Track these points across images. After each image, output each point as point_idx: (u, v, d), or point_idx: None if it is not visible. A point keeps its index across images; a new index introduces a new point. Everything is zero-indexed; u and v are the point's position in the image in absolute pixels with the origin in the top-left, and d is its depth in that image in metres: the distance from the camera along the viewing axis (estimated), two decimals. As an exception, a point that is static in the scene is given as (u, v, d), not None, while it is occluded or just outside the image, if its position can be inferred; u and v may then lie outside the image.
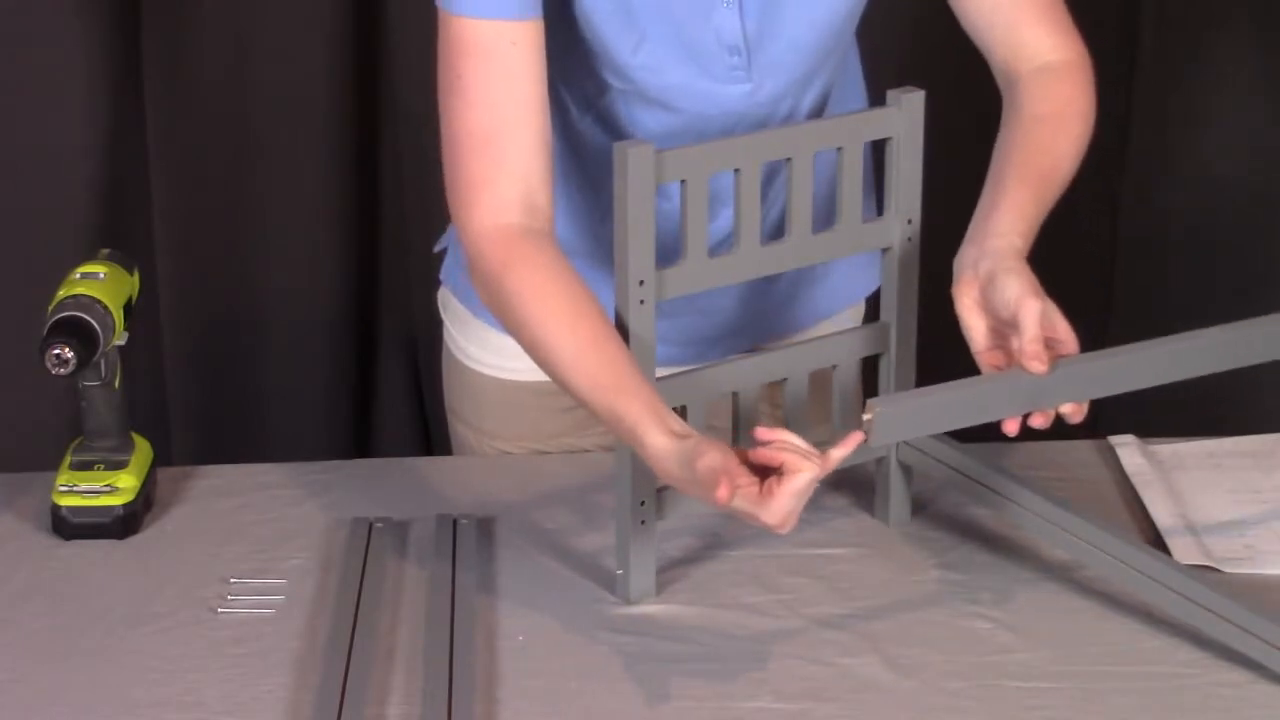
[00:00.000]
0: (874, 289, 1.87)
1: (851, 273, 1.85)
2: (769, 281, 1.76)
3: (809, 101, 1.68)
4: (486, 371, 1.84)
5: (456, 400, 1.90)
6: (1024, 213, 1.54)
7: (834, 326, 1.82)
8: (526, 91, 1.52)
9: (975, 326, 1.50)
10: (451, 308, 1.88)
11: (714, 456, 1.37)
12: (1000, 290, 1.48)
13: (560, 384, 1.50)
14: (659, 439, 1.42)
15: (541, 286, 1.50)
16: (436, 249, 1.92)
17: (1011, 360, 1.48)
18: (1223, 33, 2.58)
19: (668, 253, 1.53)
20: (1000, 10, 1.64)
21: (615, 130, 1.65)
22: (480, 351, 1.84)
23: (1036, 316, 1.46)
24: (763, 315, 1.80)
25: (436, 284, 1.92)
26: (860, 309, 1.90)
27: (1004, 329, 1.49)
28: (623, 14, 1.57)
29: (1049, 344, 1.47)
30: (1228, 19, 2.57)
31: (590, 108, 1.65)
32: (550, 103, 1.66)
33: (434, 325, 1.92)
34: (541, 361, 1.51)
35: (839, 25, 1.64)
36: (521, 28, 1.52)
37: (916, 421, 1.49)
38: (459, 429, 1.91)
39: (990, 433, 1.74)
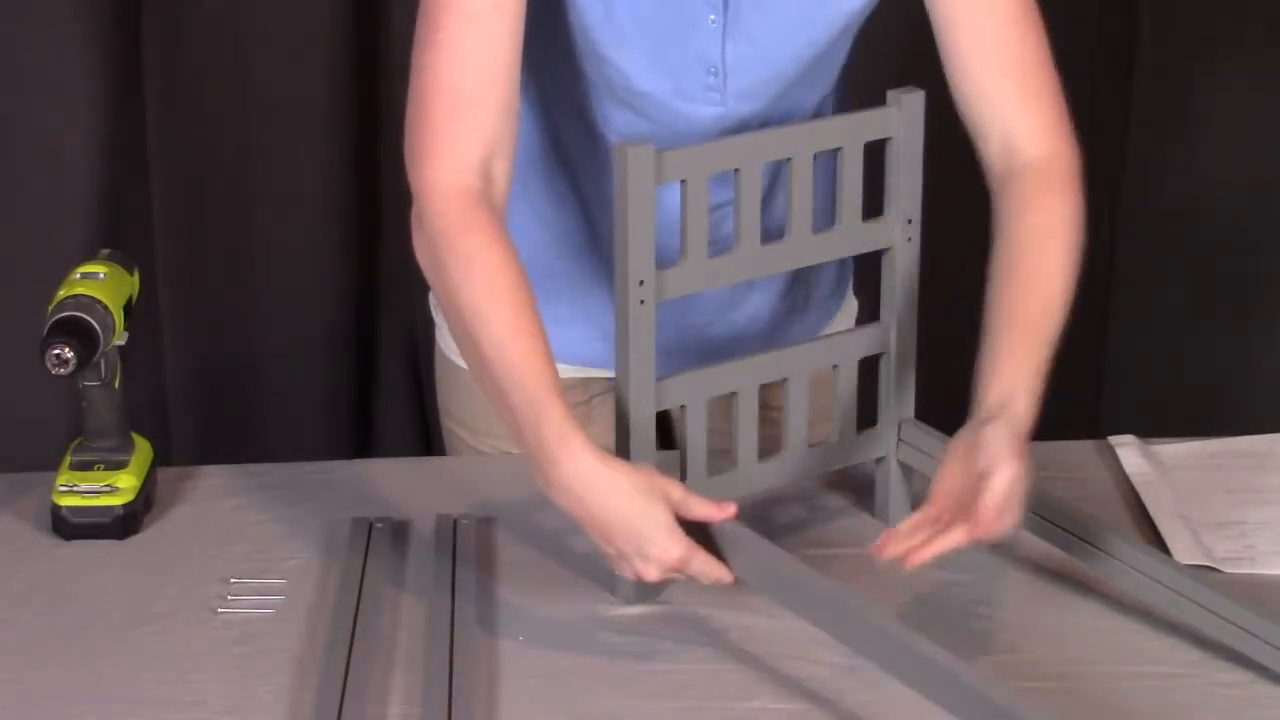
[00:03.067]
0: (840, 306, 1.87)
1: (820, 300, 1.85)
2: (746, 312, 1.77)
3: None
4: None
5: (449, 399, 1.90)
6: (1021, 378, 1.52)
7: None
8: (502, 57, 1.52)
9: (943, 474, 1.48)
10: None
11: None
12: (981, 448, 1.46)
13: (477, 358, 1.48)
14: (587, 455, 1.43)
15: (495, 259, 1.48)
16: None
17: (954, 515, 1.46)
18: (1222, 33, 2.58)
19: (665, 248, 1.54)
20: (989, 101, 1.61)
21: (588, 125, 1.65)
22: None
23: (1007, 482, 1.44)
24: (740, 343, 1.80)
25: (425, 284, 1.92)
26: (850, 316, 1.90)
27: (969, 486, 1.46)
28: (606, 13, 1.57)
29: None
30: (1227, 19, 2.57)
31: (565, 98, 1.65)
32: (530, 89, 1.66)
33: (433, 325, 1.92)
34: (469, 331, 1.48)
35: (821, 58, 1.63)
36: None
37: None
38: (451, 428, 1.91)
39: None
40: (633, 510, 1.44)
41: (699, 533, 1.48)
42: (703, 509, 1.47)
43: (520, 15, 1.53)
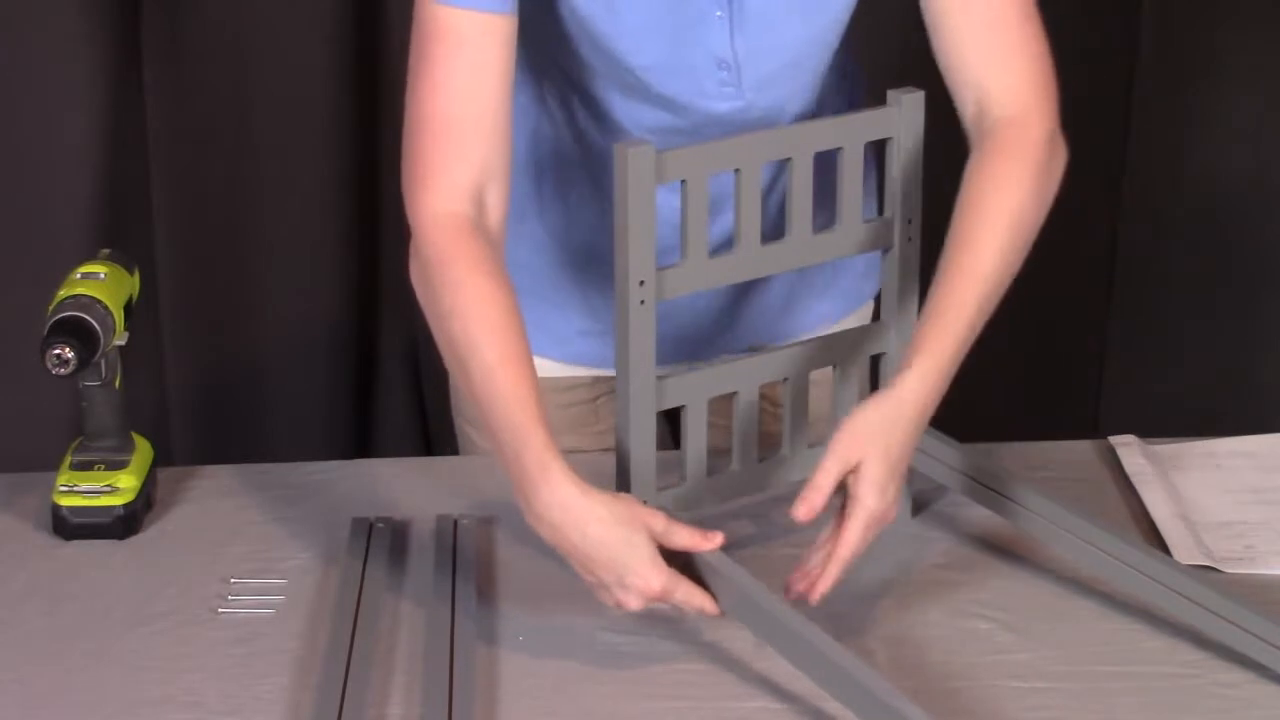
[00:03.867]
0: (876, 291, 1.86)
1: (852, 281, 1.84)
2: (763, 290, 1.76)
3: (805, 115, 1.67)
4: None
5: (460, 398, 1.90)
6: (924, 354, 1.50)
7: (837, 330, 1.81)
8: (493, 84, 1.53)
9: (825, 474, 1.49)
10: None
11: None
12: (858, 470, 1.48)
13: (465, 383, 1.50)
14: (567, 485, 1.43)
15: (485, 287, 1.49)
16: None
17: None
18: (1223, 32, 2.58)
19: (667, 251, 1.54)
20: (963, 56, 1.59)
21: (613, 125, 1.65)
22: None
23: (860, 523, 1.47)
24: (758, 319, 1.80)
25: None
26: (867, 311, 1.90)
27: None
28: (614, 22, 1.57)
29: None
30: (1228, 19, 2.57)
31: (586, 103, 1.65)
32: (545, 98, 1.66)
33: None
34: (459, 357, 1.50)
35: (830, 41, 1.63)
36: (495, 20, 1.52)
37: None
38: (465, 429, 1.91)
39: (990, 433, 1.75)
40: (612, 540, 1.44)
41: (684, 558, 1.48)
42: (686, 539, 1.47)
43: (510, 43, 1.53)
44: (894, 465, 1.48)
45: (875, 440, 1.47)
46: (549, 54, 1.63)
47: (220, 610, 1.58)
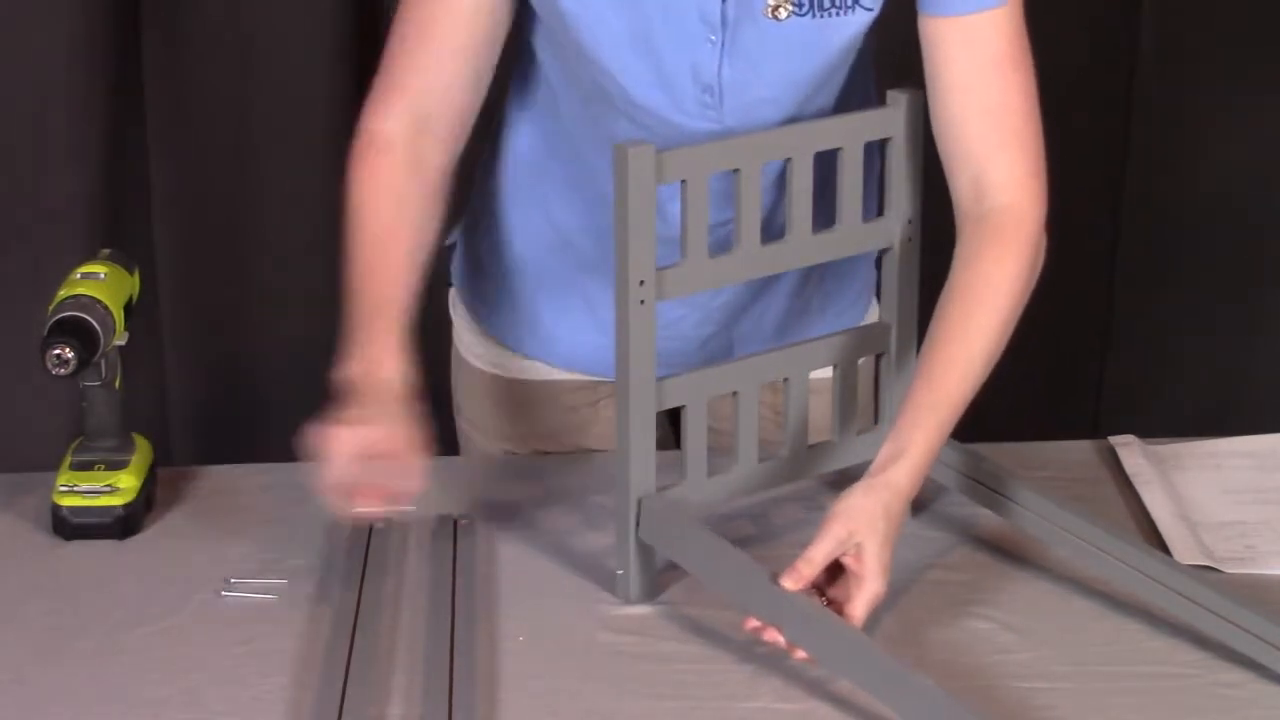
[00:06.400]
0: (866, 314, 1.86)
1: (846, 305, 1.84)
2: (758, 314, 1.76)
3: None
4: (492, 370, 1.85)
5: (463, 399, 1.91)
6: (911, 441, 1.53)
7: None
8: (463, 44, 1.60)
9: (818, 553, 1.49)
10: (458, 307, 1.89)
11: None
12: (860, 554, 1.49)
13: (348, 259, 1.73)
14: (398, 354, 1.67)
15: (373, 193, 1.72)
16: (447, 242, 1.92)
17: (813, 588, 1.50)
18: (1223, 31, 2.58)
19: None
20: (964, 140, 1.58)
21: (599, 131, 1.65)
22: (485, 350, 1.84)
23: (866, 601, 1.48)
24: (752, 344, 1.79)
25: (442, 283, 1.93)
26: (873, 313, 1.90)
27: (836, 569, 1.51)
28: (602, 27, 1.56)
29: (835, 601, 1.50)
30: (1228, 17, 2.57)
31: (581, 103, 1.66)
32: (548, 93, 1.67)
33: (436, 324, 1.92)
34: (349, 238, 1.74)
35: (819, 81, 1.62)
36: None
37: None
38: (465, 428, 1.91)
39: (990, 433, 1.75)
40: (367, 414, 1.63)
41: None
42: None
43: (493, 15, 1.59)
44: (892, 548, 1.51)
45: (875, 525, 1.50)
46: (530, 50, 1.64)
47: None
